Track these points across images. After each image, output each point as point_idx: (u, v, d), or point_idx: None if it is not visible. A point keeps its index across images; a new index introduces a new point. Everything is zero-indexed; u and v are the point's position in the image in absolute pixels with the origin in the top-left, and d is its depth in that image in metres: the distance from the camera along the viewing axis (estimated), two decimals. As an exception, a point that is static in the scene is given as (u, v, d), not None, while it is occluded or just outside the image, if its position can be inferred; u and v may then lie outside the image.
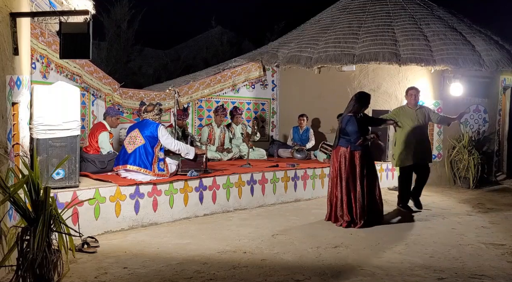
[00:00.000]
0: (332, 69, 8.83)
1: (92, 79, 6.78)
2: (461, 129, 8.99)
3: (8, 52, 3.51)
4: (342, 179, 5.46)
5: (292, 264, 4.04)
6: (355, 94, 5.71)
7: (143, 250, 4.33)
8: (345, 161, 5.47)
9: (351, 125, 5.44)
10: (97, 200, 4.81)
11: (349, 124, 5.45)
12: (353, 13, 9.42)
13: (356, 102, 5.55)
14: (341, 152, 5.52)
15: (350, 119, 5.48)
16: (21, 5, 3.86)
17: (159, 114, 5.80)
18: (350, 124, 5.44)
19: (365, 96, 5.63)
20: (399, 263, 4.11)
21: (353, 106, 5.56)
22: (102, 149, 6.04)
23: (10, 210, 3.54)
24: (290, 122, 9.15)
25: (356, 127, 5.41)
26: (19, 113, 3.90)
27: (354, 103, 5.55)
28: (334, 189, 5.55)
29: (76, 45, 3.86)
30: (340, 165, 5.50)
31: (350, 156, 5.46)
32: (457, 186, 8.72)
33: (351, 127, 5.43)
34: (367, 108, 5.74)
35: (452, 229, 5.43)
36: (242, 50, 16.39)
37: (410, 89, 6.53)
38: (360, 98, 5.57)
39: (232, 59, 9.67)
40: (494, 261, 4.23)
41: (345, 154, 5.48)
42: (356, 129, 5.41)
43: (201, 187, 5.83)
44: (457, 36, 8.63)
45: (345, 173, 5.45)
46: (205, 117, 8.72)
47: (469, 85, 8.77)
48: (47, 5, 4.75)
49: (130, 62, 16.36)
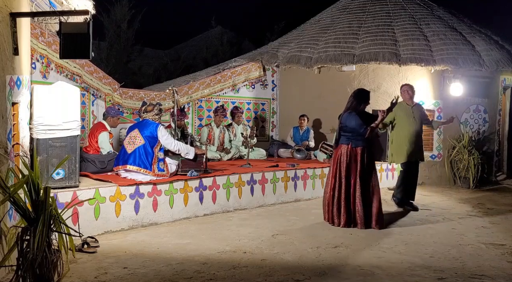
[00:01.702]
0: (332, 69, 8.83)
1: (92, 79, 6.78)
2: (461, 129, 8.99)
3: (8, 52, 3.51)
4: (342, 177, 5.40)
5: (292, 264, 4.04)
6: (354, 91, 5.70)
7: (143, 250, 4.33)
8: (346, 158, 5.41)
9: (353, 120, 5.37)
10: (97, 200, 4.81)
11: (350, 120, 5.40)
12: (353, 13, 9.42)
13: (355, 99, 5.52)
14: (342, 149, 5.46)
15: (349, 115, 5.44)
16: (21, 5, 3.86)
17: (158, 114, 5.80)
18: (351, 120, 5.39)
19: (363, 92, 5.60)
20: (399, 263, 4.11)
21: (351, 103, 5.53)
22: (102, 149, 6.04)
23: (10, 210, 3.54)
24: (290, 122, 9.15)
25: (360, 120, 5.35)
26: (19, 113, 3.90)
27: (353, 100, 5.53)
28: (332, 188, 5.46)
29: (76, 45, 3.86)
30: (341, 164, 5.44)
31: (351, 153, 5.40)
32: (457, 186, 8.72)
33: (354, 122, 5.36)
34: (367, 105, 5.63)
35: (452, 229, 5.43)
36: (242, 50, 16.39)
37: (403, 85, 6.66)
38: (357, 95, 5.54)
39: (232, 59, 9.67)
40: (494, 261, 4.23)
41: (347, 151, 5.43)
42: (360, 122, 5.34)
43: (201, 187, 5.83)
44: (457, 36, 8.63)
45: (345, 171, 5.39)
46: (205, 117, 8.72)
47: (469, 85, 8.78)
48: (47, 5, 4.75)
49: (130, 62, 16.36)
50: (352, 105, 5.51)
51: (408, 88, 6.56)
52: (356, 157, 5.41)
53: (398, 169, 6.67)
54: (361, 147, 5.41)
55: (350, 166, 5.40)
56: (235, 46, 18.14)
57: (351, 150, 5.41)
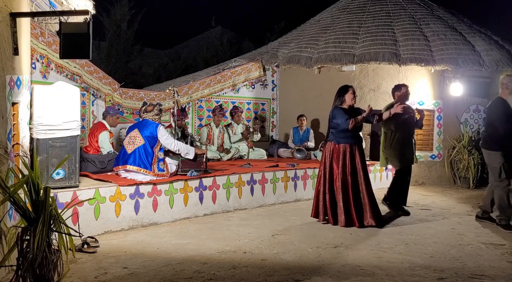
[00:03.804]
0: (332, 69, 8.83)
1: (92, 79, 6.79)
2: (461, 129, 9.00)
3: (8, 52, 3.51)
4: (326, 174, 5.46)
5: (292, 264, 4.04)
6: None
7: (143, 250, 4.33)
8: (331, 154, 5.48)
9: (336, 114, 5.45)
10: (97, 200, 4.81)
11: (333, 114, 5.50)
12: (353, 13, 9.42)
13: (335, 95, 5.62)
14: (329, 146, 5.55)
15: (334, 110, 5.52)
16: (21, 5, 3.86)
17: (158, 114, 5.80)
18: (335, 114, 5.47)
19: (341, 86, 5.65)
20: (399, 263, 4.11)
21: (335, 100, 5.62)
22: (102, 149, 6.04)
23: (10, 210, 3.54)
24: (290, 123, 9.15)
25: (343, 114, 5.40)
26: (19, 113, 3.90)
27: (336, 97, 5.62)
28: (321, 187, 5.52)
29: (76, 45, 3.85)
30: (325, 161, 5.51)
31: (333, 149, 5.46)
32: (457, 186, 8.73)
33: (337, 115, 5.43)
34: (350, 97, 5.52)
35: (452, 229, 5.43)
36: (242, 50, 16.42)
37: (402, 86, 6.43)
38: (337, 91, 5.62)
39: (232, 59, 9.68)
40: (494, 261, 4.23)
41: (330, 147, 5.51)
42: (343, 115, 5.37)
43: (201, 187, 5.83)
44: (457, 36, 8.63)
45: (328, 168, 5.44)
46: (205, 117, 8.72)
47: (469, 85, 8.78)
48: (47, 5, 4.75)
49: (130, 62, 16.39)
50: (336, 101, 5.61)
51: (407, 89, 6.42)
52: (344, 154, 5.42)
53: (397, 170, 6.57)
54: (347, 144, 5.44)
55: (339, 161, 5.42)
56: (235, 46, 18.16)
57: (334, 147, 5.48)
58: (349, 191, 5.37)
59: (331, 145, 5.52)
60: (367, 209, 5.38)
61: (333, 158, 5.46)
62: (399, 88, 6.41)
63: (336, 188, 5.41)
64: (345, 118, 5.35)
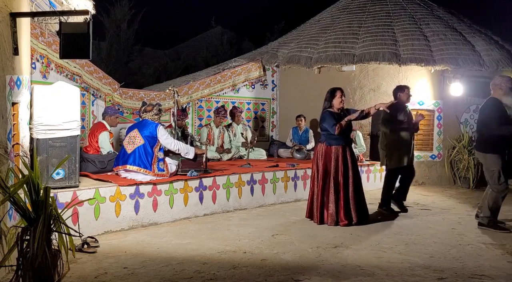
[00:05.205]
0: (332, 69, 8.83)
1: (92, 79, 6.79)
2: (461, 129, 9.00)
3: (8, 52, 3.51)
4: (320, 175, 5.49)
5: (292, 264, 4.04)
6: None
7: (143, 250, 4.33)
8: (321, 156, 5.51)
9: (324, 119, 5.48)
10: (97, 200, 4.81)
11: (322, 119, 5.52)
12: (353, 13, 9.43)
13: (325, 97, 5.62)
14: (320, 147, 5.57)
15: (323, 114, 5.54)
16: (21, 5, 3.86)
17: (158, 114, 5.80)
18: (323, 119, 5.49)
19: (330, 90, 5.63)
20: (399, 263, 4.11)
21: (324, 102, 5.62)
22: (102, 149, 6.04)
23: (10, 210, 3.54)
24: (290, 123, 9.15)
25: (332, 119, 5.41)
26: (19, 113, 3.90)
27: (325, 99, 5.62)
28: (314, 187, 5.56)
29: (76, 45, 3.85)
30: (318, 162, 5.54)
31: (326, 151, 5.49)
32: (457, 186, 8.73)
33: (325, 120, 5.46)
34: (338, 100, 5.51)
35: (452, 229, 5.43)
36: (242, 50, 16.43)
37: (404, 87, 6.40)
38: (327, 93, 5.62)
39: (232, 59, 9.68)
40: (494, 261, 4.23)
41: (322, 149, 5.53)
42: (330, 121, 5.40)
43: (201, 187, 5.83)
44: (457, 36, 8.63)
45: (322, 169, 5.46)
46: (205, 117, 8.72)
47: (469, 85, 8.77)
48: (47, 5, 4.75)
49: (130, 62, 16.40)
50: (325, 104, 5.62)
51: (409, 91, 6.37)
52: (331, 154, 5.45)
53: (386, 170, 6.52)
54: (339, 146, 5.46)
55: (328, 163, 5.45)
56: (235, 46, 18.18)
57: (326, 149, 5.50)
58: (340, 192, 5.43)
59: (322, 146, 5.56)
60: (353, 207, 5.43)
61: (326, 160, 5.49)
62: (402, 90, 6.39)
63: (329, 188, 5.44)
64: (331, 124, 5.40)
